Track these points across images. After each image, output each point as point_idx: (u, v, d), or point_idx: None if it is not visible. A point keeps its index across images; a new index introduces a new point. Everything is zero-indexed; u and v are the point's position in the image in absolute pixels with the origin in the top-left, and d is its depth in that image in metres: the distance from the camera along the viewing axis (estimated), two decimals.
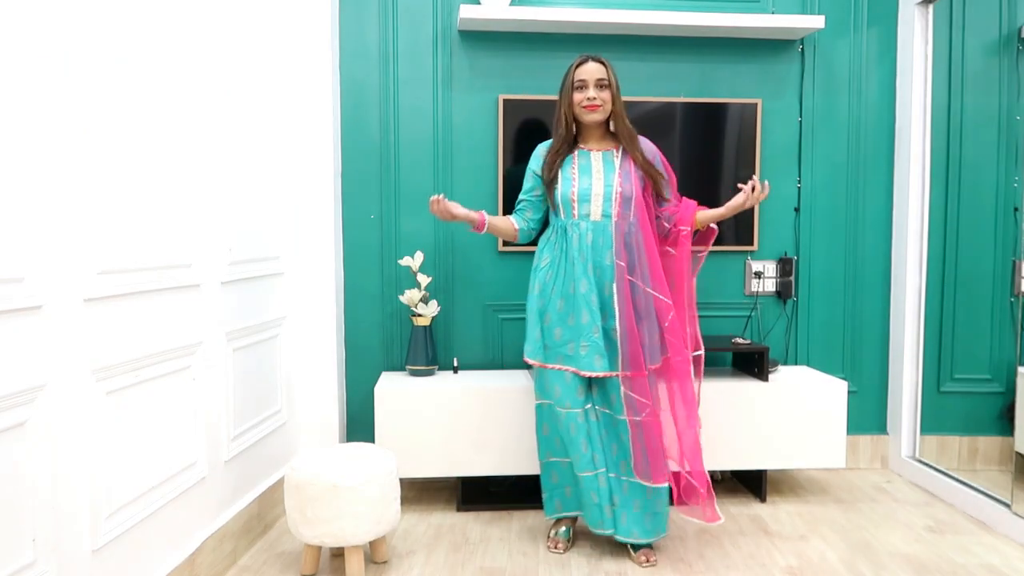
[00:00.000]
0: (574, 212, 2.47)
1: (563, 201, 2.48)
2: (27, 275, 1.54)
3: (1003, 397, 3.13)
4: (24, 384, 1.54)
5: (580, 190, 2.45)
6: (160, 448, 2.05)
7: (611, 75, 2.44)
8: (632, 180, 2.46)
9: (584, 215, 2.46)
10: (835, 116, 3.31)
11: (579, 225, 2.46)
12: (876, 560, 2.49)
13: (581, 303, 2.42)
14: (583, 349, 2.41)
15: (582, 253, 2.44)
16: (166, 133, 2.05)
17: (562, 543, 2.55)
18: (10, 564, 1.51)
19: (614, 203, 2.44)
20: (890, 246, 3.37)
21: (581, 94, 2.43)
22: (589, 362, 2.41)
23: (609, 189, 2.44)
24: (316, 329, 3.02)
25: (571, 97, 2.44)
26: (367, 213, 3.17)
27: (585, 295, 2.41)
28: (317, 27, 2.95)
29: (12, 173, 1.50)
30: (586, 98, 2.41)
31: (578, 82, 2.43)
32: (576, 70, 2.44)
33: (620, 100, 2.47)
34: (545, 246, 2.55)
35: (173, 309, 2.10)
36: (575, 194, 2.46)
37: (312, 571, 2.38)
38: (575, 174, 2.48)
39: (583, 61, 2.44)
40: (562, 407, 2.44)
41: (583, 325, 2.41)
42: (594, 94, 2.41)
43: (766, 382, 2.95)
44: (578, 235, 2.46)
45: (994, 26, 3.13)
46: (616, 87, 2.45)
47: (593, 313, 2.41)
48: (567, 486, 2.54)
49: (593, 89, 2.42)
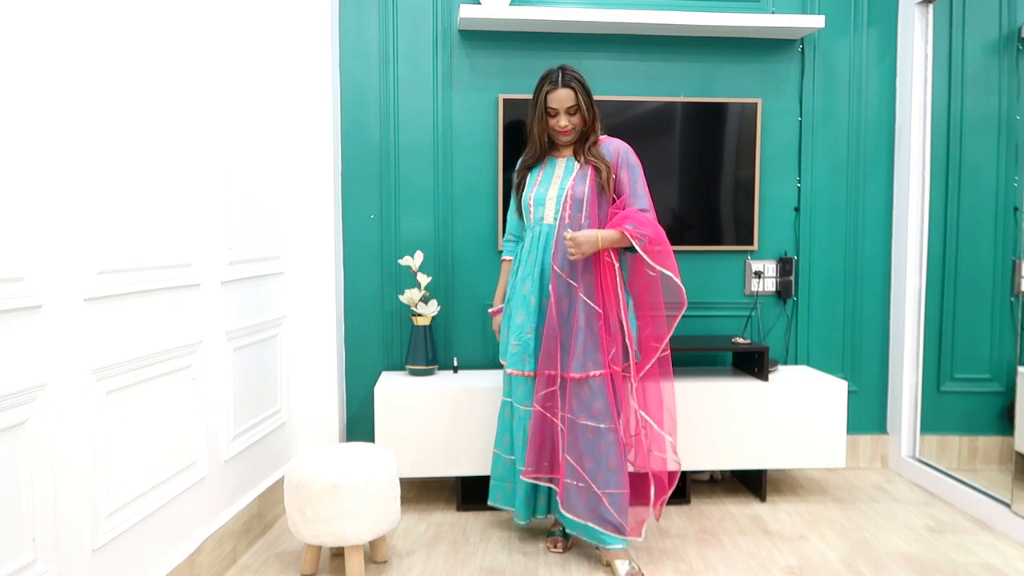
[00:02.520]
0: (531, 216, 2.52)
1: (524, 205, 2.54)
2: (27, 274, 1.54)
3: (1003, 397, 3.13)
4: (24, 384, 1.54)
5: (536, 194, 2.49)
6: (160, 448, 2.05)
7: (580, 97, 2.39)
8: (587, 182, 2.43)
9: (539, 218, 2.50)
10: (835, 116, 3.31)
11: (534, 228, 2.51)
12: (876, 560, 2.49)
13: (520, 303, 2.49)
14: (513, 348, 2.49)
15: (531, 255, 2.49)
16: (166, 133, 2.05)
17: (561, 543, 2.55)
18: (10, 563, 1.51)
19: (565, 206, 2.45)
20: (890, 246, 3.37)
21: (554, 120, 2.43)
22: (517, 361, 2.48)
23: (562, 192, 2.45)
24: (316, 329, 3.03)
25: (544, 122, 2.44)
26: (367, 213, 3.17)
27: (525, 296, 2.48)
28: (317, 27, 2.95)
29: (12, 173, 1.50)
30: (559, 125, 2.42)
31: (550, 109, 2.42)
32: (547, 97, 2.39)
33: (592, 111, 2.43)
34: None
35: (173, 309, 2.10)
36: (532, 198, 2.50)
37: (312, 571, 2.38)
38: (539, 179, 2.52)
39: (552, 88, 2.38)
40: (518, 403, 2.52)
41: (517, 325, 2.49)
42: (565, 122, 2.42)
43: (766, 382, 2.95)
44: (531, 237, 2.51)
45: (994, 26, 3.13)
46: (587, 103, 2.40)
47: (528, 313, 2.47)
48: (507, 481, 2.61)
49: (564, 117, 2.41)
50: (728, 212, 3.27)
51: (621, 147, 2.48)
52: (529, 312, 2.47)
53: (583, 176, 2.44)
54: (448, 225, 3.19)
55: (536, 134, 2.48)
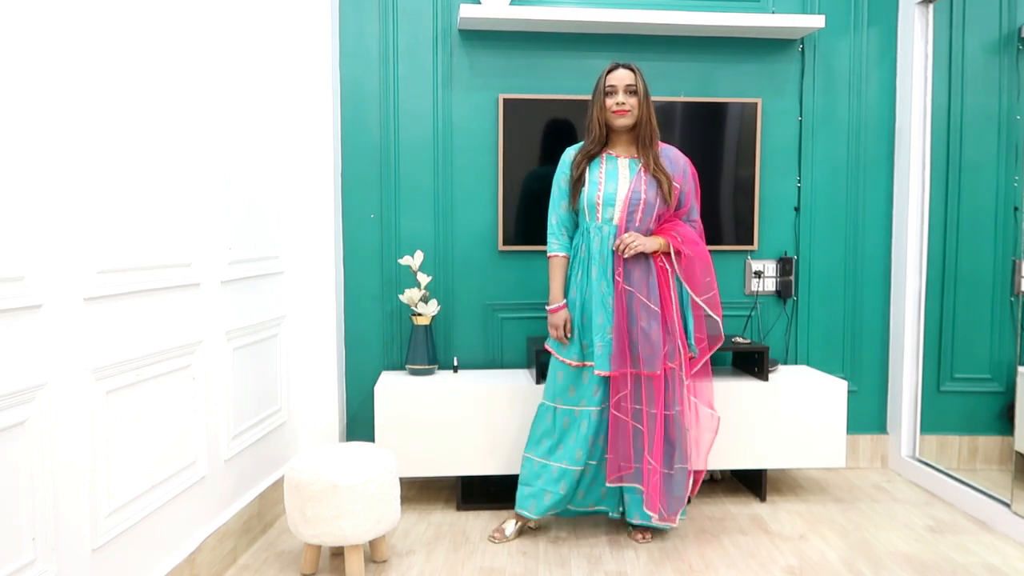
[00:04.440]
0: (598, 215, 2.53)
1: (588, 204, 2.54)
2: (27, 274, 1.54)
3: (1003, 397, 3.13)
4: (24, 383, 1.54)
5: (605, 194, 2.52)
6: (160, 447, 2.05)
7: (640, 81, 2.51)
8: (654, 188, 2.52)
9: (607, 219, 2.52)
10: (835, 116, 3.31)
11: (601, 229, 2.52)
12: (876, 559, 2.49)
13: (598, 304, 2.51)
14: (598, 349, 2.50)
15: (601, 256, 2.52)
16: (166, 133, 2.05)
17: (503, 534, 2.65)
18: (10, 563, 1.51)
19: (629, 209, 2.50)
20: (890, 246, 3.37)
21: (611, 99, 2.50)
22: (603, 362, 2.50)
23: (636, 196, 2.50)
24: (316, 328, 3.03)
25: (603, 101, 2.51)
26: (367, 212, 3.17)
27: (604, 296, 2.51)
28: (317, 27, 2.95)
29: (12, 173, 1.50)
30: (615, 103, 2.48)
31: (608, 87, 2.50)
32: (607, 75, 2.52)
33: (648, 105, 2.53)
34: (573, 250, 2.62)
35: (173, 308, 2.10)
36: (600, 198, 2.52)
37: (312, 570, 2.38)
38: (602, 178, 2.53)
39: (614, 67, 2.52)
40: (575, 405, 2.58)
41: (598, 326, 2.50)
42: (623, 99, 2.49)
43: (766, 382, 2.95)
44: (600, 238, 2.53)
45: (994, 26, 3.13)
46: (645, 92, 2.52)
47: (608, 314, 2.50)
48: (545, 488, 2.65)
49: (622, 95, 2.49)
50: (728, 212, 3.27)
51: (683, 159, 2.59)
52: (608, 312, 2.50)
53: (652, 182, 2.51)
54: (448, 225, 3.19)
55: (595, 117, 2.51)
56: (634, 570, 2.41)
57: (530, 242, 3.15)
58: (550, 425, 2.60)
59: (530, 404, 2.77)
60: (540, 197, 2.87)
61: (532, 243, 3.13)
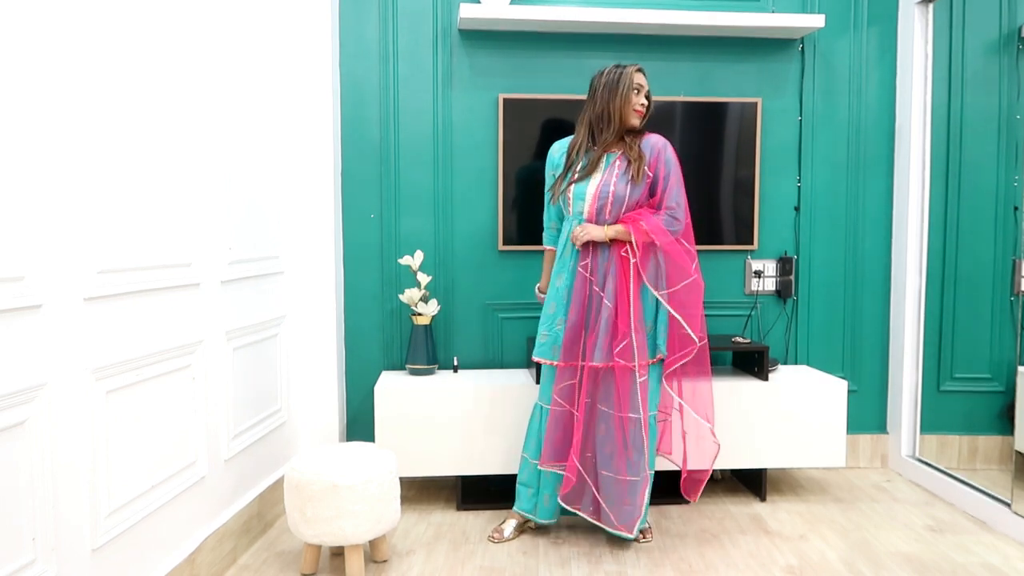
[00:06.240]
0: (569, 210, 2.56)
1: (563, 199, 2.57)
2: (27, 274, 1.54)
3: (1003, 396, 3.13)
4: (24, 383, 1.54)
5: (576, 188, 2.53)
6: (160, 447, 2.05)
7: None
8: (625, 179, 2.50)
9: (578, 212, 2.54)
10: (835, 115, 3.31)
11: (571, 223, 2.56)
12: (876, 559, 2.49)
13: (554, 295, 2.56)
14: (542, 338, 2.56)
15: (567, 248, 2.56)
16: (166, 132, 2.05)
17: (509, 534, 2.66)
18: (10, 563, 1.51)
19: (598, 204, 2.50)
20: (890, 246, 3.37)
21: (637, 97, 2.52)
22: (545, 350, 2.56)
23: (602, 188, 2.50)
24: (316, 328, 3.03)
25: (629, 96, 2.50)
26: (367, 212, 3.17)
27: (559, 288, 2.55)
28: (317, 27, 2.95)
29: (12, 172, 1.50)
30: (639, 103, 2.52)
31: (637, 85, 2.52)
32: (634, 74, 2.52)
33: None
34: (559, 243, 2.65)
35: (173, 308, 2.10)
36: (571, 192, 2.54)
37: (312, 570, 2.38)
38: (577, 173, 2.54)
39: (635, 69, 2.53)
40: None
41: (549, 315, 2.56)
42: (644, 100, 2.54)
43: (766, 381, 2.95)
44: (569, 231, 2.56)
45: (994, 26, 3.13)
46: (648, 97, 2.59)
47: (560, 305, 2.53)
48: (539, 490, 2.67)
49: (643, 96, 2.54)
50: (728, 211, 3.27)
51: (659, 142, 2.54)
52: (560, 304, 2.54)
53: (623, 173, 2.49)
54: (448, 225, 3.19)
55: (618, 108, 2.49)
56: (634, 570, 2.41)
57: (530, 242, 3.15)
58: (537, 424, 2.62)
59: (530, 404, 2.77)
60: (540, 197, 2.87)
61: (532, 243, 3.13)
